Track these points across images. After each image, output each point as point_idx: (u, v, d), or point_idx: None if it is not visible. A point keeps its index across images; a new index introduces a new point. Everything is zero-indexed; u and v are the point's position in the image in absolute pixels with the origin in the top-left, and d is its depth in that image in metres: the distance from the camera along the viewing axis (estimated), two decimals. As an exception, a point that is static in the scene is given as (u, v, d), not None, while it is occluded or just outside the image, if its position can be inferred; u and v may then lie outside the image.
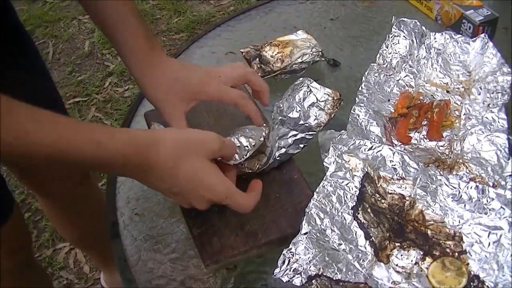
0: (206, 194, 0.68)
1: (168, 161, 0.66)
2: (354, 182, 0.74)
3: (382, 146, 0.78)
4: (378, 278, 0.67)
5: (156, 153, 0.65)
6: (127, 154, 0.63)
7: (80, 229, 1.43)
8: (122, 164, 0.64)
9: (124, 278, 0.75)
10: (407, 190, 0.75)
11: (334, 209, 0.72)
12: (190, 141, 0.69)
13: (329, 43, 1.12)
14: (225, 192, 0.68)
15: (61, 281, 1.78)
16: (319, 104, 0.82)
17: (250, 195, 0.71)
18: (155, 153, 0.65)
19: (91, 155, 0.61)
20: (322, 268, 0.66)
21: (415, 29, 1.00)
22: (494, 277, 0.65)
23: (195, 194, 0.68)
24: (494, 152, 0.78)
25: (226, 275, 0.74)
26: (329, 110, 0.82)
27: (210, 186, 0.68)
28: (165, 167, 0.66)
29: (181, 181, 0.67)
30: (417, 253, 0.70)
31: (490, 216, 0.70)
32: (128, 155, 0.63)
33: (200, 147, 0.68)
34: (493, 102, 0.85)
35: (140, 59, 0.81)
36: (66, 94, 2.42)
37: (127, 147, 0.63)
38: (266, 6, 1.25)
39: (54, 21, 2.85)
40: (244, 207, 0.70)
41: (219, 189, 0.68)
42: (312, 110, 0.81)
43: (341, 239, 0.69)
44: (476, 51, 0.96)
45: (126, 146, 0.63)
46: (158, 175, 0.66)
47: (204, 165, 0.68)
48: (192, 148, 0.68)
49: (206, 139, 0.70)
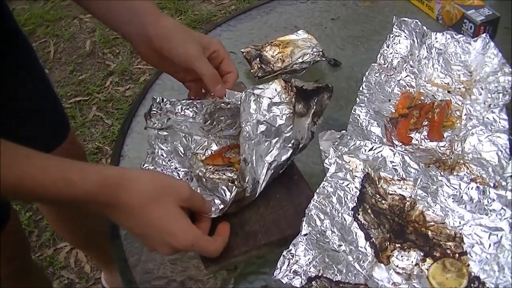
0: (171, 241, 0.65)
1: (139, 199, 0.64)
2: (355, 183, 0.74)
3: (382, 147, 0.78)
4: (378, 279, 0.67)
5: (128, 189, 0.64)
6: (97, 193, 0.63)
7: (80, 229, 1.42)
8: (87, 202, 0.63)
9: (124, 279, 0.75)
10: (407, 191, 0.75)
11: (334, 210, 0.72)
12: (164, 185, 0.67)
13: (330, 43, 1.12)
14: (190, 240, 0.66)
15: (62, 280, 1.78)
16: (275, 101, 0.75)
17: (217, 240, 0.69)
18: (126, 190, 0.64)
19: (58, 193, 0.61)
20: (322, 270, 0.66)
21: (416, 29, 0.99)
22: (495, 278, 0.65)
23: (159, 239, 0.66)
24: (495, 152, 0.78)
25: (226, 276, 0.74)
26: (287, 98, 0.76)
27: (175, 232, 0.65)
28: (133, 205, 0.64)
29: (146, 223, 0.65)
30: (417, 254, 0.69)
31: (491, 217, 0.70)
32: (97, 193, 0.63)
33: (173, 191, 0.67)
34: (494, 102, 0.85)
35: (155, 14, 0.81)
36: (67, 93, 2.42)
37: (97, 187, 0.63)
38: (267, 5, 1.24)
39: (55, 20, 2.85)
40: (211, 253, 0.68)
41: (185, 237, 0.66)
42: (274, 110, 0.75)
43: (341, 240, 0.69)
44: (477, 51, 0.96)
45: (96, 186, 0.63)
46: (124, 212, 0.65)
47: (173, 212, 0.66)
48: (165, 192, 0.66)
49: (177, 186, 0.68)
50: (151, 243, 0.67)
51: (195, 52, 0.79)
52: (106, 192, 0.63)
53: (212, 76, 0.80)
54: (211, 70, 0.80)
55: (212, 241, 0.68)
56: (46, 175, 0.60)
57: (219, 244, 0.69)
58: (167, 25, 0.80)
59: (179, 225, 0.66)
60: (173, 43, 0.79)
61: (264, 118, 0.74)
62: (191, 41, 0.79)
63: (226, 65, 0.83)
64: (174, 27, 0.80)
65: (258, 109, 0.74)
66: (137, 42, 0.82)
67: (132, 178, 0.65)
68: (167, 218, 0.65)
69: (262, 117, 0.74)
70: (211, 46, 0.82)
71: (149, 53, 0.82)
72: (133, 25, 0.80)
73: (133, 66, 2.57)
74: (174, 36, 0.79)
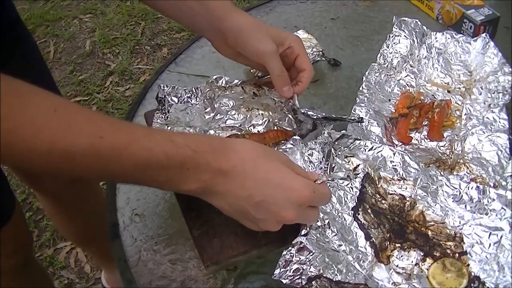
0: (293, 195, 0.61)
1: (250, 155, 0.61)
2: (355, 182, 0.74)
3: (382, 147, 0.78)
4: (378, 279, 0.67)
5: (235, 150, 0.61)
6: (206, 151, 0.59)
7: (81, 227, 1.43)
8: (197, 165, 0.59)
9: (124, 279, 0.75)
10: (407, 190, 0.75)
11: (334, 209, 0.72)
12: (264, 147, 0.65)
13: (330, 43, 1.12)
14: (311, 187, 0.62)
15: (62, 280, 1.78)
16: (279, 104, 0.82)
17: (324, 185, 0.67)
18: (233, 150, 0.61)
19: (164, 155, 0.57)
20: (322, 269, 0.65)
21: (416, 29, 0.99)
22: (495, 278, 0.65)
23: (281, 198, 0.61)
24: (495, 152, 0.78)
25: (226, 276, 0.74)
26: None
27: (294, 185, 0.61)
28: (246, 162, 0.60)
29: (264, 181, 0.61)
30: (417, 254, 0.69)
31: (491, 217, 0.70)
32: (207, 151, 0.59)
33: (273, 152, 0.66)
34: (494, 102, 0.85)
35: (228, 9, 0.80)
36: (67, 93, 2.42)
37: (206, 146, 0.59)
38: (267, 5, 1.24)
39: (55, 20, 2.85)
40: (328, 196, 0.66)
41: (306, 186, 0.62)
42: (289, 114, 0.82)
43: (341, 240, 0.69)
44: (477, 51, 0.96)
45: (205, 145, 0.59)
46: (238, 175, 0.60)
47: (282, 166, 0.63)
48: (269, 151, 0.64)
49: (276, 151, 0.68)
50: (274, 207, 0.61)
51: (267, 49, 0.77)
52: (216, 152, 0.60)
53: (279, 76, 0.78)
54: (279, 69, 0.78)
55: (322, 185, 0.66)
56: (152, 138, 0.57)
57: (326, 186, 0.67)
58: (241, 20, 0.79)
59: (294, 176, 0.62)
60: (245, 38, 0.78)
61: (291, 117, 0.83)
62: (264, 37, 0.77)
63: (300, 62, 0.80)
64: (248, 21, 0.79)
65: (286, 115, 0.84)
66: (212, 38, 0.82)
67: (235, 142, 0.64)
68: (282, 173, 0.62)
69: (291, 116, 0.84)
70: (286, 42, 0.80)
71: (224, 48, 0.82)
72: (206, 20, 0.80)
73: (133, 66, 2.57)
74: (247, 31, 0.78)
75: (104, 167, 0.56)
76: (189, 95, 0.88)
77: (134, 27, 2.80)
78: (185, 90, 0.88)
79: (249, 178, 0.61)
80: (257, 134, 0.84)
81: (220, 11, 0.79)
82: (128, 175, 0.58)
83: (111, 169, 0.57)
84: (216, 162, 0.60)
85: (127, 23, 2.81)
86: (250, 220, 0.64)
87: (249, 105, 0.87)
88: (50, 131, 0.52)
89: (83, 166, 0.55)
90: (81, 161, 0.54)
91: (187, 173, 0.59)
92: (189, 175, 0.60)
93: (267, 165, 0.62)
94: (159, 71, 1.08)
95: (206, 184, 0.61)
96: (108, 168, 0.56)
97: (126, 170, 0.57)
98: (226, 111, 0.87)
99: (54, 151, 0.52)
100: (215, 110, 0.87)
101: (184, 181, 0.60)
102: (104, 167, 0.56)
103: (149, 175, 0.58)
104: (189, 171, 0.59)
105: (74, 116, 0.55)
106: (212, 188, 0.61)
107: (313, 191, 0.62)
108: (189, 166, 0.59)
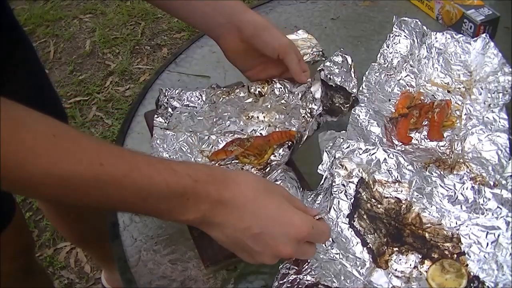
0: (291, 230, 0.61)
1: (251, 190, 0.61)
2: (349, 189, 0.74)
3: (376, 149, 0.77)
4: (377, 284, 0.67)
5: (236, 182, 0.61)
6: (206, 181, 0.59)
7: (80, 228, 1.43)
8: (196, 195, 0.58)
9: (124, 279, 0.75)
10: (403, 193, 0.74)
11: (329, 219, 0.71)
12: (266, 181, 0.66)
13: (330, 43, 1.12)
14: (311, 223, 0.62)
15: (62, 280, 1.78)
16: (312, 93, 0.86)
17: (321, 219, 0.67)
18: (234, 182, 0.61)
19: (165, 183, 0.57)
20: (319, 277, 0.65)
21: (416, 29, 0.99)
22: (494, 277, 0.65)
23: (280, 233, 0.60)
24: (495, 152, 0.78)
25: (226, 276, 0.74)
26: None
27: (293, 220, 0.61)
28: (246, 196, 0.60)
29: (263, 215, 0.60)
30: (415, 256, 0.69)
31: (487, 216, 0.70)
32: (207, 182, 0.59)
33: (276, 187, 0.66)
34: (494, 102, 0.85)
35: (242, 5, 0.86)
36: (67, 93, 2.42)
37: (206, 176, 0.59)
38: (267, 5, 1.24)
39: (55, 20, 2.85)
40: (327, 232, 0.66)
41: (305, 222, 0.61)
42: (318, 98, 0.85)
43: (337, 249, 0.69)
44: (477, 51, 0.96)
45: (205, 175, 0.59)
46: (237, 208, 0.60)
47: (283, 201, 0.63)
48: (271, 186, 0.65)
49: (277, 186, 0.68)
50: (271, 241, 0.61)
51: (286, 40, 0.84)
52: (217, 182, 0.60)
53: (298, 64, 0.85)
54: (298, 58, 0.86)
55: (322, 221, 0.66)
56: (153, 166, 0.57)
57: (325, 223, 0.67)
58: (256, 17, 0.84)
59: (294, 211, 0.62)
60: (263, 31, 0.83)
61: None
62: (279, 32, 0.83)
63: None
64: (262, 19, 0.84)
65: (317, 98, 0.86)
66: (225, 32, 0.84)
67: (236, 173, 0.64)
68: (282, 208, 0.62)
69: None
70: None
71: (236, 43, 0.84)
72: (222, 14, 0.83)
73: (133, 66, 2.57)
74: (264, 26, 0.83)
75: (103, 194, 0.55)
76: (193, 99, 0.88)
77: (134, 27, 2.80)
78: (189, 93, 0.88)
79: (249, 210, 0.60)
80: (262, 137, 0.84)
81: (236, 7, 0.84)
82: (128, 203, 0.58)
83: (110, 197, 0.56)
84: (217, 193, 0.60)
85: (127, 23, 2.81)
86: (246, 252, 0.63)
87: (249, 113, 0.87)
88: (47, 157, 0.51)
89: (81, 193, 0.55)
90: (79, 188, 0.54)
91: (187, 203, 0.59)
92: (188, 205, 0.59)
93: (267, 198, 0.62)
94: (159, 71, 1.08)
95: (205, 215, 0.60)
96: (108, 196, 0.56)
97: (126, 198, 0.57)
98: (227, 117, 0.87)
99: (51, 177, 0.52)
100: (218, 115, 0.87)
101: (183, 211, 0.59)
102: (104, 195, 0.56)
103: (149, 204, 0.58)
104: (189, 201, 0.59)
105: (73, 142, 0.54)
106: (210, 218, 0.60)
107: (311, 227, 0.62)
108: (189, 196, 0.59)
